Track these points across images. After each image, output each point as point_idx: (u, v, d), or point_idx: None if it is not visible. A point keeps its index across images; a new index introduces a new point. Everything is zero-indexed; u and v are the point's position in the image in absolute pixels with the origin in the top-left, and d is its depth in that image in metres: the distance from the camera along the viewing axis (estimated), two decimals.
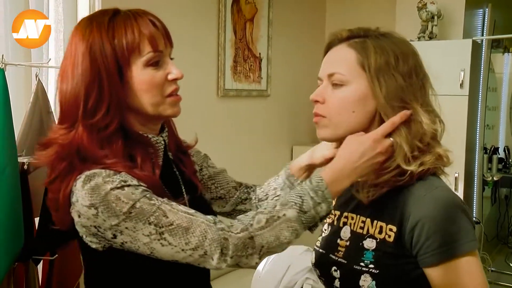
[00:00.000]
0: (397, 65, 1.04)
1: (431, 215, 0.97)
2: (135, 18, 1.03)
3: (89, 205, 0.95)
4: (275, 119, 3.74)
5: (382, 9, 3.85)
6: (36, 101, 1.90)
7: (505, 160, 4.54)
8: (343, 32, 1.09)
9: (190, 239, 0.95)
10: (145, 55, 1.02)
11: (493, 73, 4.37)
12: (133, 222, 0.94)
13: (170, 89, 1.06)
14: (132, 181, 0.98)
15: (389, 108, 1.03)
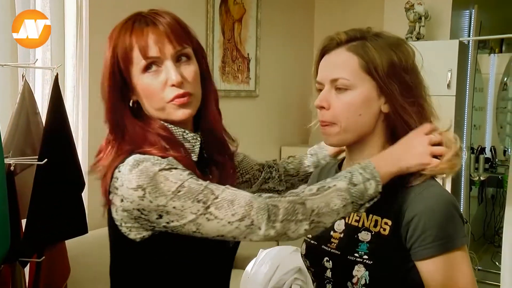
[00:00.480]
0: (400, 63, 1.05)
1: (427, 210, 1.01)
2: (132, 25, 1.04)
3: (136, 186, 0.96)
4: (264, 120, 3.75)
5: (371, 10, 3.87)
6: (22, 102, 1.88)
7: (491, 160, 4.58)
8: (341, 35, 1.09)
9: (236, 210, 0.95)
10: (139, 63, 1.03)
11: (480, 73, 4.41)
12: (181, 201, 0.95)
13: (170, 94, 1.04)
14: (178, 165, 0.99)
15: (405, 106, 1.05)
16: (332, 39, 1.10)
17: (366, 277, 1.03)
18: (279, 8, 3.84)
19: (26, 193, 1.82)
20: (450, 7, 3.52)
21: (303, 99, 4.11)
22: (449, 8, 3.52)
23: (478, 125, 4.58)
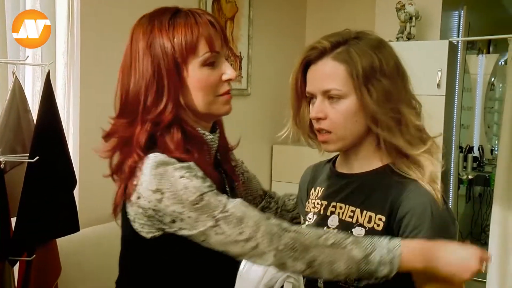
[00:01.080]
0: (381, 67, 1.06)
1: (419, 207, 1.03)
2: (195, 18, 1.05)
3: (155, 189, 0.97)
4: (255, 118, 3.75)
5: (362, 9, 3.89)
6: (13, 99, 1.87)
7: (479, 159, 4.64)
8: (324, 44, 1.09)
9: (244, 229, 0.96)
10: (202, 55, 1.05)
11: (468, 73, 4.46)
12: (198, 212, 0.96)
13: (223, 89, 1.08)
14: (199, 173, 1.00)
15: (381, 113, 1.05)
16: (314, 48, 1.10)
17: None
18: (271, 7, 3.84)
19: (16, 191, 1.81)
20: (440, 7, 3.54)
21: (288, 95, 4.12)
22: (439, 8, 3.54)
23: (467, 125, 4.63)
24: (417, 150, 1.07)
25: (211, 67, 1.06)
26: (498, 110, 4.92)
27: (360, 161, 1.14)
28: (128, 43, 1.08)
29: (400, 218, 1.04)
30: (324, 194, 1.21)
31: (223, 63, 1.08)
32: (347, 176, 1.17)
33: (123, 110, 1.07)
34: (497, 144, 4.80)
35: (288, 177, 3.79)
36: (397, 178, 1.08)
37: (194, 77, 1.05)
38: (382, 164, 1.12)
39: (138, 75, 1.04)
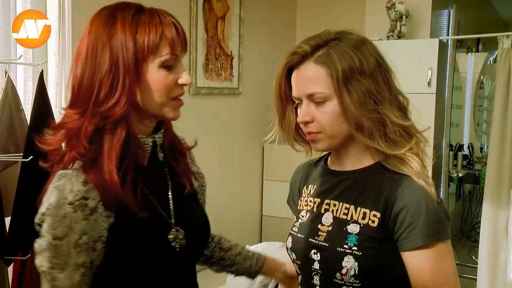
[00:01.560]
0: (361, 67, 1.06)
1: (414, 203, 1.04)
2: (159, 18, 1.05)
3: (46, 205, 1.00)
4: (247, 117, 3.76)
5: (352, 8, 3.91)
6: (5, 98, 1.86)
7: (469, 157, 4.67)
8: (304, 48, 1.09)
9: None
10: (162, 56, 1.04)
11: (458, 72, 4.49)
12: (49, 251, 1.00)
13: (177, 92, 1.08)
14: (94, 200, 1.01)
15: (362, 114, 1.06)
16: (296, 53, 1.11)
17: (355, 268, 1.05)
18: (262, 6, 3.85)
19: (10, 190, 1.80)
20: (430, 6, 3.57)
21: None
22: (429, 7, 3.57)
23: (456, 123, 4.67)
24: (401, 149, 1.08)
25: (168, 69, 1.06)
26: (487, 108, 4.96)
27: (352, 159, 1.15)
28: (86, 32, 1.05)
29: (395, 214, 1.05)
30: (317, 191, 1.21)
31: (180, 67, 1.08)
32: (339, 173, 1.18)
33: (75, 100, 1.04)
34: (486, 142, 4.85)
35: (280, 176, 3.81)
36: (389, 174, 1.09)
37: (151, 77, 1.04)
38: (373, 161, 1.13)
39: (94, 66, 1.02)
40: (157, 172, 1.14)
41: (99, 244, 1.02)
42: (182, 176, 1.19)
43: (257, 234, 4.00)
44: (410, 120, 1.12)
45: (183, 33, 1.08)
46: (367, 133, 1.07)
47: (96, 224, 1.01)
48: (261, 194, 3.97)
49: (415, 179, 1.07)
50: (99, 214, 1.01)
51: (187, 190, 1.19)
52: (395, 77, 1.13)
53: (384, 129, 1.07)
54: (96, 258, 1.02)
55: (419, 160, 1.09)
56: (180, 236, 1.12)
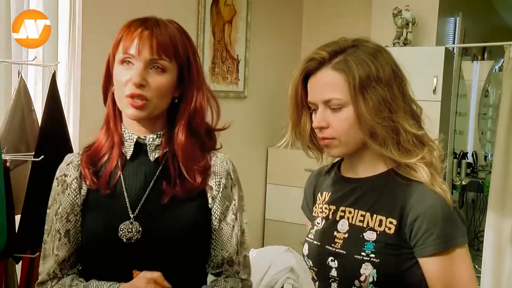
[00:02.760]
0: (377, 75, 1.08)
1: (430, 210, 1.06)
2: (136, 24, 1.15)
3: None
4: (252, 121, 3.78)
5: (358, 14, 3.92)
6: (18, 99, 1.89)
7: (473, 165, 4.67)
8: (322, 54, 1.11)
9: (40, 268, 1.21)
10: (120, 53, 1.14)
11: (463, 80, 4.50)
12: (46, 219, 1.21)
13: (127, 91, 1.12)
14: (70, 177, 1.19)
15: (376, 122, 1.07)
16: (313, 59, 1.12)
17: (373, 275, 1.07)
18: (268, 11, 3.88)
19: (20, 189, 1.83)
20: (437, 14, 3.58)
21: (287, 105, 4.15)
22: (435, 15, 3.58)
23: (461, 131, 4.67)
24: (413, 158, 1.09)
25: (126, 67, 1.13)
26: (492, 117, 4.96)
27: (365, 165, 1.16)
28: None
29: (411, 222, 1.07)
30: (331, 199, 1.22)
31: (138, 67, 1.12)
32: (353, 180, 1.19)
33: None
34: (490, 151, 4.85)
35: (283, 180, 3.82)
36: (403, 181, 1.11)
37: (114, 75, 1.16)
38: (387, 168, 1.14)
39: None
40: (143, 170, 1.20)
41: (71, 216, 1.17)
42: (175, 187, 1.17)
43: (259, 238, 4.01)
44: (423, 129, 1.13)
45: (161, 38, 1.13)
46: (380, 141, 1.09)
47: (69, 198, 1.18)
48: (264, 198, 3.98)
49: (430, 185, 1.08)
50: (72, 190, 1.18)
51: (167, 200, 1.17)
52: (409, 86, 1.14)
53: (398, 137, 1.09)
54: (72, 229, 1.17)
55: (428, 170, 1.09)
56: (132, 229, 1.15)
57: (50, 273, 1.18)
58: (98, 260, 1.18)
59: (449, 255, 1.06)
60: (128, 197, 1.17)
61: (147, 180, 1.19)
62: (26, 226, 1.79)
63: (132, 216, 1.16)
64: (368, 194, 1.14)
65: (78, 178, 1.19)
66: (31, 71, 2.28)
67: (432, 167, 1.11)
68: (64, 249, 1.17)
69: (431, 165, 1.11)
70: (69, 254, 1.18)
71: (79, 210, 1.18)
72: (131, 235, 1.14)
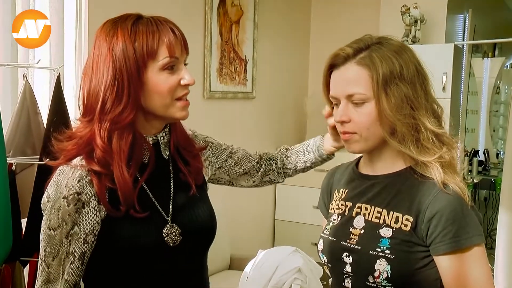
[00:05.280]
0: (401, 73, 1.08)
1: (447, 208, 1.05)
2: (156, 25, 1.11)
3: (44, 197, 1.12)
4: (260, 121, 3.76)
5: (366, 13, 3.90)
6: (23, 102, 1.89)
7: (484, 162, 4.63)
8: (347, 50, 1.12)
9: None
10: (161, 60, 1.10)
11: (473, 77, 4.46)
12: (44, 240, 1.11)
13: (181, 93, 1.14)
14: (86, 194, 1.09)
15: (397, 118, 1.07)
16: (338, 55, 1.13)
17: (388, 271, 1.07)
18: (276, 10, 3.86)
19: (26, 192, 1.83)
20: (445, 11, 3.55)
21: (299, 101, 4.14)
22: (444, 12, 3.55)
23: (472, 128, 4.63)
24: (431, 156, 1.09)
25: (170, 71, 1.11)
26: (504, 114, 4.91)
27: (384, 162, 1.16)
28: (92, 47, 1.14)
29: (428, 219, 1.06)
30: (348, 195, 1.22)
31: (182, 68, 1.13)
32: (371, 177, 1.19)
33: (85, 110, 1.13)
34: (502, 148, 4.80)
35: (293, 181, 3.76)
36: (421, 179, 1.10)
37: (153, 81, 1.10)
38: (405, 166, 1.14)
39: (98, 76, 1.09)
40: (160, 170, 1.19)
41: (90, 237, 1.10)
42: (189, 176, 1.23)
43: (269, 238, 4.00)
44: (443, 128, 1.13)
45: (182, 36, 1.14)
46: (400, 138, 1.09)
47: (88, 217, 1.09)
48: (274, 198, 3.97)
49: (441, 185, 1.07)
50: (91, 208, 1.09)
51: (192, 192, 1.22)
52: (432, 85, 1.14)
53: (418, 135, 1.09)
54: (88, 250, 1.11)
55: (441, 170, 1.08)
56: (174, 233, 1.16)
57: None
58: (142, 268, 1.14)
59: (465, 253, 1.05)
60: (157, 201, 1.17)
61: (166, 180, 1.20)
62: (32, 230, 1.78)
63: (169, 219, 1.16)
64: (385, 191, 1.14)
65: (96, 195, 1.10)
66: (38, 74, 2.29)
67: (451, 166, 1.10)
68: (76, 273, 1.11)
69: (450, 164, 1.11)
70: (79, 278, 1.13)
71: (99, 228, 1.11)
72: (176, 238, 1.15)
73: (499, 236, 3.23)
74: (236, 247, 3.41)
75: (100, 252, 1.13)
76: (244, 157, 1.45)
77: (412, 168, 1.13)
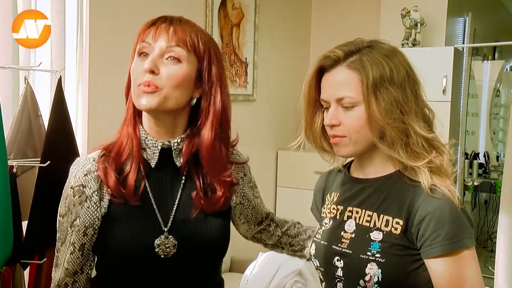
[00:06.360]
0: (391, 77, 1.08)
1: (437, 211, 1.05)
2: (160, 19, 1.12)
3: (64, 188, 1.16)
4: (261, 124, 3.77)
5: (367, 16, 3.90)
6: (24, 104, 1.89)
7: (485, 165, 4.63)
8: (337, 53, 1.11)
9: (53, 274, 1.17)
10: (137, 45, 1.11)
11: (473, 80, 4.46)
12: (57, 225, 1.15)
13: (141, 79, 1.07)
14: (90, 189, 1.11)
15: (387, 123, 1.07)
16: (328, 57, 1.12)
17: (378, 274, 1.06)
18: (276, 13, 3.87)
19: (27, 195, 1.83)
20: (446, 14, 3.55)
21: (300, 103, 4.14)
22: (444, 15, 3.56)
23: (472, 131, 4.63)
24: (420, 161, 1.08)
25: (142, 58, 1.09)
26: (504, 116, 4.91)
27: (375, 166, 1.16)
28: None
29: (418, 222, 1.06)
30: (339, 199, 1.22)
31: (151, 56, 1.07)
32: (362, 181, 1.19)
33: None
34: (502, 151, 4.80)
35: (293, 183, 3.81)
36: (411, 182, 1.10)
37: (131, 67, 1.11)
38: (394, 170, 1.14)
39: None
40: (169, 177, 1.15)
41: (90, 230, 1.11)
42: (203, 201, 1.15)
43: None
44: (434, 133, 1.13)
45: (167, 26, 1.09)
46: (389, 142, 1.08)
47: (89, 211, 1.10)
48: (275, 201, 3.97)
49: (438, 186, 1.07)
50: (93, 203, 1.10)
51: (194, 212, 1.15)
52: (423, 89, 1.14)
53: (407, 139, 1.09)
54: (87, 242, 1.13)
55: (429, 175, 1.08)
56: (168, 245, 1.11)
57: (62, 285, 1.16)
58: (130, 274, 1.12)
59: (456, 256, 1.04)
60: (158, 209, 1.13)
61: (174, 189, 1.15)
62: (33, 232, 1.79)
63: (165, 230, 1.12)
64: (375, 195, 1.14)
65: (99, 190, 1.11)
66: (39, 76, 2.29)
67: (441, 171, 1.10)
68: (76, 263, 1.14)
69: (439, 169, 1.10)
70: (79, 267, 1.14)
71: (99, 224, 1.12)
72: (168, 250, 1.11)
73: (500, 239, 3.23)
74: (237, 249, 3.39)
75: (96, 251, 1.16)
76: (256, 207, 1.36)
77: (401, 172, 1.12)
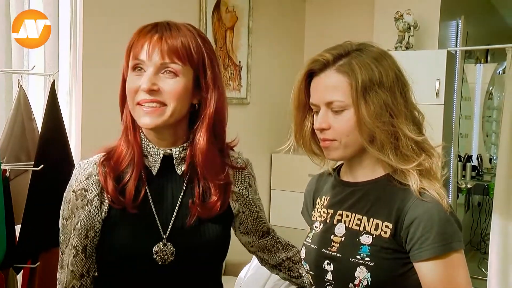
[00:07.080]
0: (380, 80, 1.08)
1: (426, 214, 1.05)
2: (147, 27, 1.10)
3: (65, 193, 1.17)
4: (255, 127, 3.77)
5: (360, 19, 3.92)
6: (18, 108, 1.88)
7: (478, 167, 4.65)
8: (326, 56, 1.11)
9: (59, 276, 1.18)
10: (131, 61, 1.09)
11: (466, 82, 4.48)
12: (60, 228, 1.17)
13: (139, 98, 1.07)
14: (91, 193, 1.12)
15: (376, 126, 1.07)
16: (317, 60, 1.12)
17: (368, 278, 1.06)
18: (270, 17, 3.88)
19: (20, 199, 1.82)
20: (438, 17, 3.57)
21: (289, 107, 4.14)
22: (437, 18, 3.58)
23: (465, 134, 4.65)
24: (410, 164, 1.09)
25: (138, 73, 1.08)
26: (497, 119, 4.94)
27: (364, 169, 1.16)
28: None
29: (407, 225, 1.06)
30: (329, 203, 1.22)
31: (148, 73, 1.06)
32: (352, 184, 1.19)
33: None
34: (495, 153, 4.82)
35: (288, 186, 3.81)
36: (400, 186, 1.10)
37: (127, 82, 1.10)
38: (384, 173, 1.14)
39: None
40: (169, 184, 1.15)
41: (91, 232, 1.12)
42: (199, 207, 1.15)
43: None
44: (424, 135, 1.13)
45: (161, 42, 1.07)
46: (379, 145, 1.09)
47: (90, 215, 1.11)
48: (269, 203, 3.97)
49: (427, 190, 1.07)
50: (94, 207, 1.11)
51: (190, 220, 1.14)
52: (412, 92, 1.14)
53: (397, 143, 1.09)
54: (89, 244, 1.13)
55: (418, 178, 1.08)
56: (166, 252, 1.11)
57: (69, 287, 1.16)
58: (128, 278, 1.13)
59: (445, 259, 1.05)
60: (158, 216, 1.13)
61: (174, 197, 1.15)
62: (26, 236, 1.78)
63: (164, 237, 1.12)
64: (365, 198, 1.15)
65: (100, 194, 1.11)
66: (32, 79, 2.28)
67: (431, 174, 1.11)
68: (80, 265, 1.14)
69: (429, 171, 1.11)
70: (85, 269, 1.15)
71: (100, 227, 1.12)
72: (166, 258, 1.11)
73: (492, 241, 3.25)
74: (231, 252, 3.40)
75: (96, 255, 1.16)
76: (259, 217, 1.35)
77: (390, 175, 1.12)
